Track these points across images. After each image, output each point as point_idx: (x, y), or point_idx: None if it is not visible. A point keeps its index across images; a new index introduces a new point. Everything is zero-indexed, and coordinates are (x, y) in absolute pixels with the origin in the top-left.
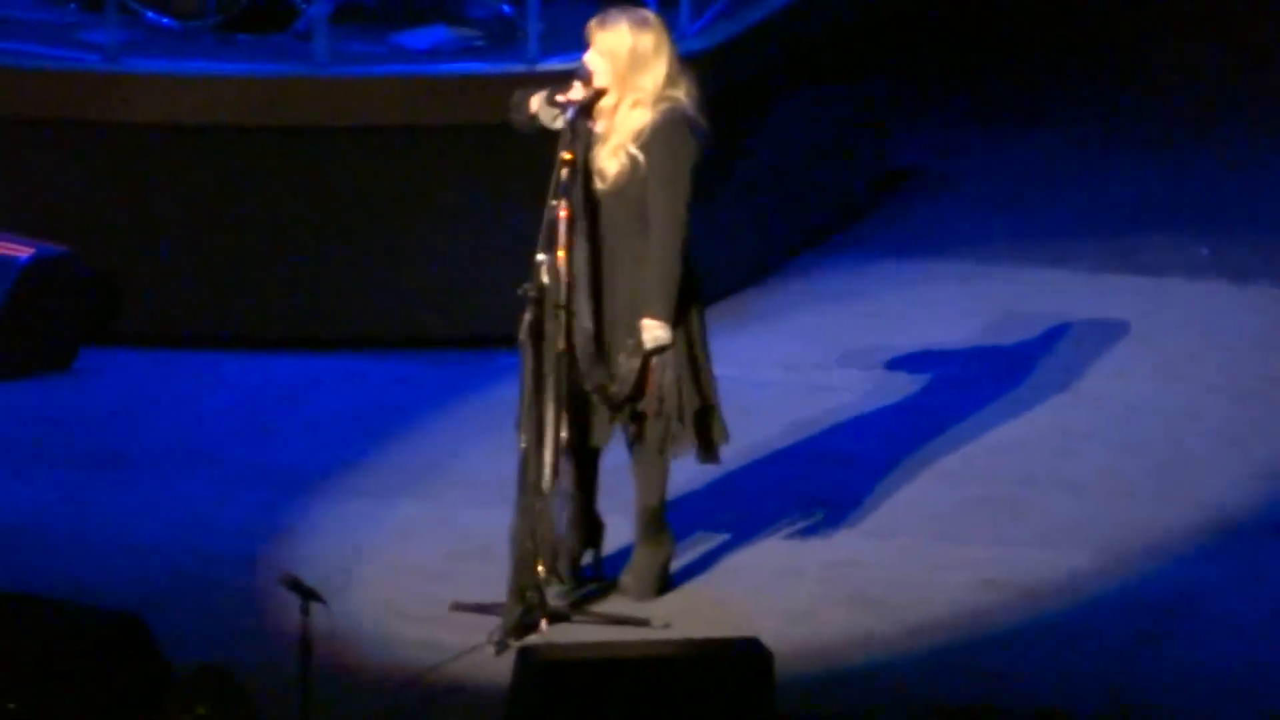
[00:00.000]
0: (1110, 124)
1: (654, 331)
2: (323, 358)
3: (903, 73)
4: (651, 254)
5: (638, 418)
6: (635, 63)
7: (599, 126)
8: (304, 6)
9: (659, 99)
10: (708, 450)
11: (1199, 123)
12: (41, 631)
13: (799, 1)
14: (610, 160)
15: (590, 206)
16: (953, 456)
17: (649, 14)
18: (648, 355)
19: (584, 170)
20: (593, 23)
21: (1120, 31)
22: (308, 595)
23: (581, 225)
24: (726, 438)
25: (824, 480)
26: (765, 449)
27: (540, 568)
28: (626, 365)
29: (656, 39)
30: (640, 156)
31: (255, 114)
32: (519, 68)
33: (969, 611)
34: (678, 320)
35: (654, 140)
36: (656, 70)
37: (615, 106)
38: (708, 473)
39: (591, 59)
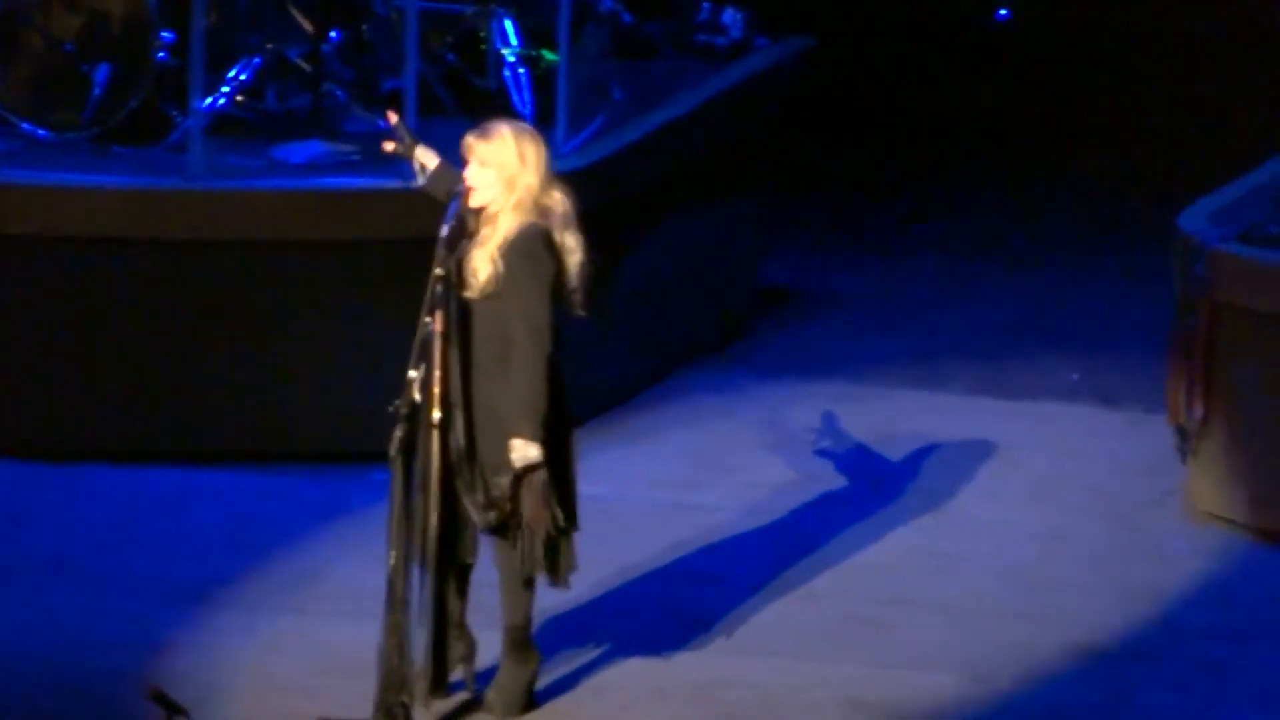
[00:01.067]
0: (985, 249)
1: (522, 451)
2: (196, 471)
3: (780, 194)
4: (514, 372)
5: (502, 539)
6: (521, 169)
7: (476, 241)
8: (180, 119)
9: (534, 206)
10: (555, 575)
11: (1072, 245)
12: None
13: (676, 122)
14: (483, 265)
15: (462, 321)
16: (823, 576)
17: (523, 122)
18: (518, 475)
19: (458, 283)
20: (471, 136)
21: (995, 158)
22: (172, 709)
23: (455, 340)
24: (574, 566)
25: (694, 598)
26: (636, 567)
27: (407, 686)
28: (497, 486)
29: (536, 144)
30: (501, 264)
31: (130, 226)
32: (395, 183)
33: None
34: (546, 438)
35: (513, 253)
36: (535, 176)
37: (497, 214)
38: (576, 591)
39: (474, 173)
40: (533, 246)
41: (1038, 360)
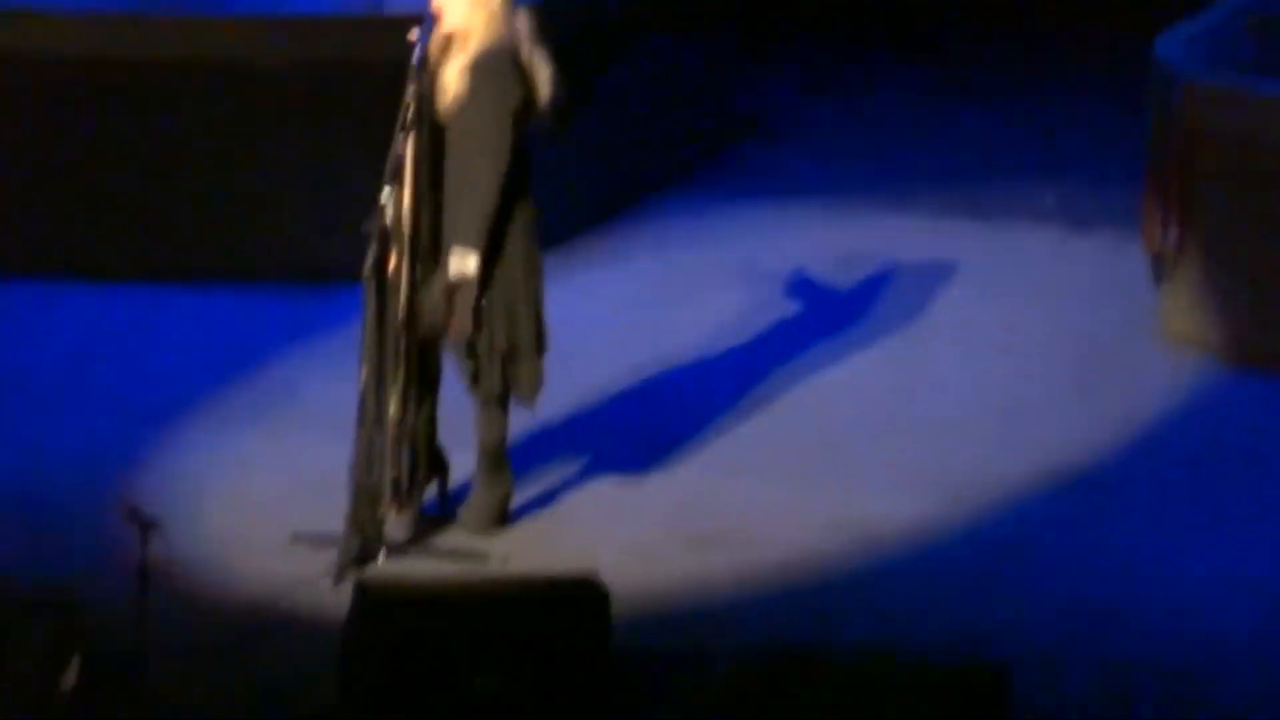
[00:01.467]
0: (957, 72)
1: (459, 260)
2: (166, 292)
3: (753, 19)
4: (469, 187)
5: (468, 358)
6: None
7: (448, 64)
8: None
9: (503, 24)
10: (523, 395)
11: (1046, 73)
12: None
13: None
14: (452, 83)
15: (434, 140)
16: (796, 400)
17: None
18: (449, 286)
19: (430, 102)
20: None
21: None
22: (146, 525)
23: (426, 163)
24: (539, 386)
25: (665, 421)
26: (607, 389)
27: (379, 501)
28: (428, 296)
29: None
30: (468, 80)
31: (104, 48)
32: (365, 7)
33: (810, 552)
34: (493, 259)
35: (478, 71)
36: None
37: (468, 35)
38: (551, 411)
39: (442, 2)
40: (498, 65)
41: (1012, 185)
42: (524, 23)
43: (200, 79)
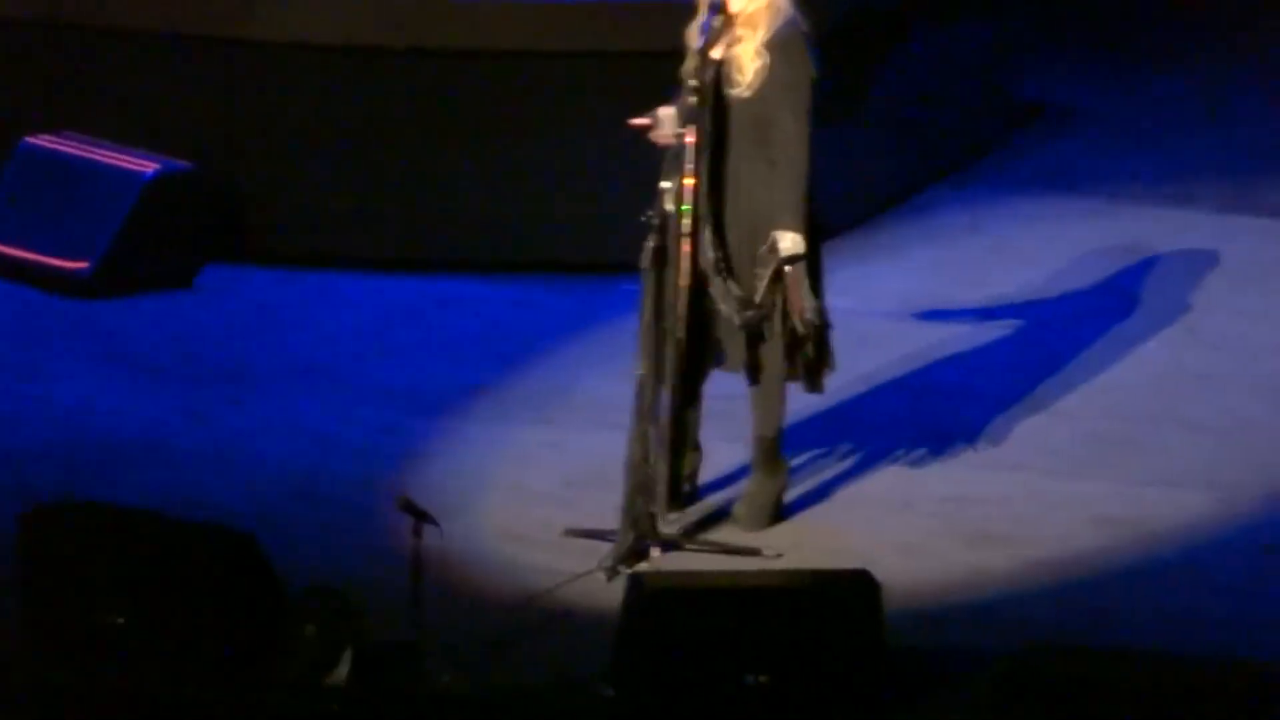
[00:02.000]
0: (1240, 64)
1: (790, 241)
2: (445, 281)
3: (1033, 7)
4: (783, 165)
5: (761, 344)
6: None
7: (725, 45)
8: None
9: (786, 7)
10: (816, 378)
11: None
12: (155, 548)
13: None
14: (749, 61)
15: (716, 133)
16: (1071, 393)
17: None
18: (781, 265)
19: (713, 96)
20: None
21: None
22: (421, 516)
23: (707, 151)
24: (834, 367)
25: (939, 412)
26: (881, 381)
27: (654, 496)
28: (758, 275)
29: None
30: (771, 61)
31: (388, 35)
32: None
33: (1084, 549)
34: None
35: (780, 52)
36: None
37: (754, 13)
38: (822, 404)
39: None
40: (800, 46)
41: None
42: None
43: (485, 66)
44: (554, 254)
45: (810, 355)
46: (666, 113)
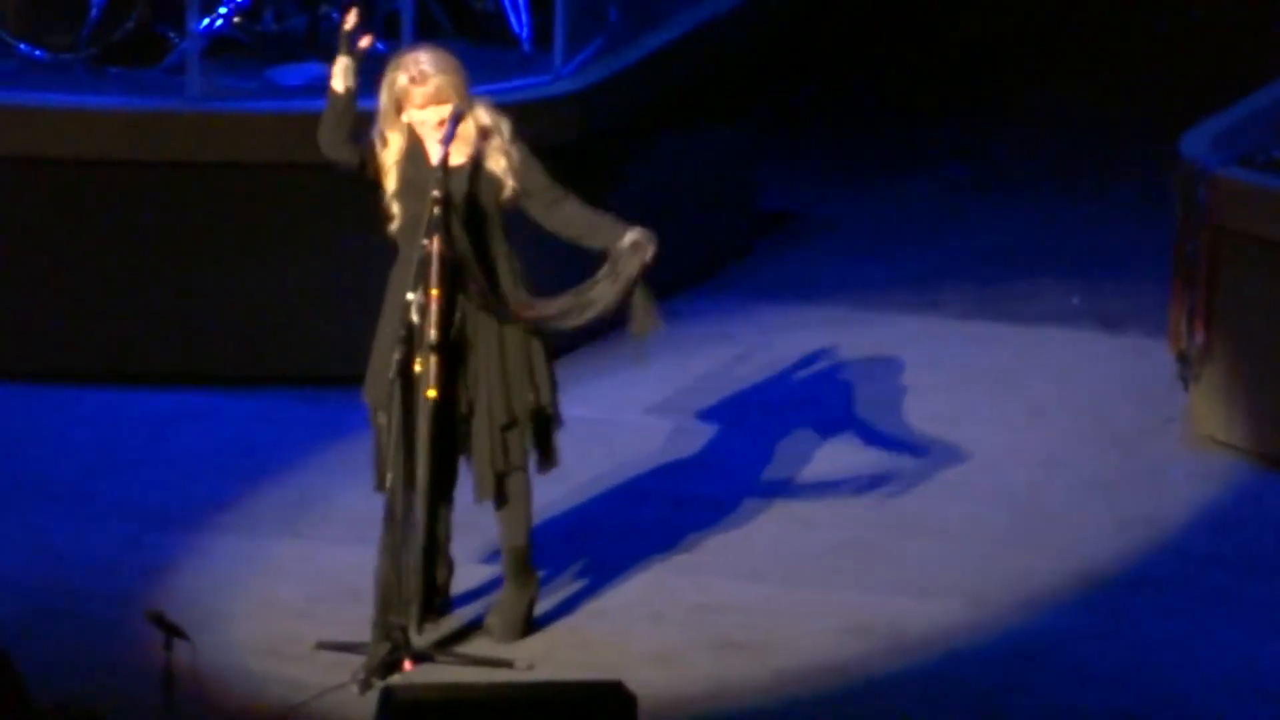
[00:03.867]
0: (981, 170)
1: (637, 238)
2: (189, 394)
3: (774, 117)
4: (586, 215)
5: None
6: (467, 80)
7: (458, 157)
8: (177, 40)
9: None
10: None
11: (1070, 170)
12: None
13: (673, 44)
14: (503, 160)
15: (475, 234)
16: (820, 501)
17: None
18: (645, 260)
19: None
20: (410, 81)
21: (991, 77)
22: (171, 631)
23: (449, 261)
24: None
25: (690, 522)
26: (629, 490)
27: (405, 608)
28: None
29: (456, 58)
30: (514, 154)
31: (126, 148)
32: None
33: (835, 658)
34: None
35: (517, 140)
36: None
37: (474, 124)
38: (571, 515)
39: (436, 114)
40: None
41: (1036, 285)
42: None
43: (226, 177)
44: (295, 367)
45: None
46: (345, 63)
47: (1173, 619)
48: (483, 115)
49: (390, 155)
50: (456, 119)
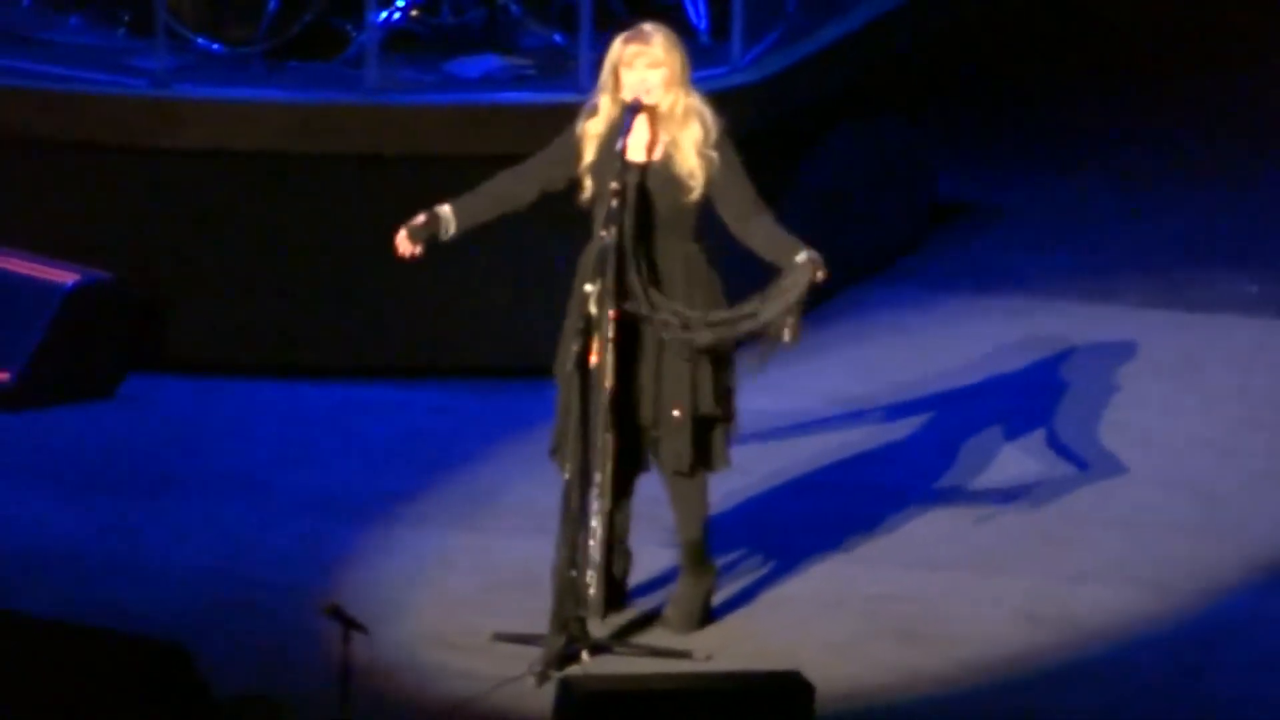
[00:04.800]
0: (1157, 159)
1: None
2: (367, 386)
3: (953, 106)
4: (774, 231)
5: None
6: (686, 66)
7: (645, 146)
8: (355, 33)
9: (701, 109)
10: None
11: (1248, 158)
12: (84, 660)
13: (851, 35)
14: (698, 164)
15: (639, 232)
16: (997, 490)
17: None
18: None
19: (634, 197)
20: (626, 40)
21: (1170, 65)
22: (349, 624)
23: (629, 250)
24: (729, 464)
25: (867, 511)
26: (807, 481)
27: (583, 600)
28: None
29: (684, 45)
30: (715, 159)
31: (304, 141)
32: (571, 97)
33: (1012, 647)
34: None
35: (725, 143)
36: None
37: (667, 116)
38: (750, 505)
39: (643, 79)
40: (727, 137)
41: (1213, 273)
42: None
43: (404, 170)
44: (474, 359)
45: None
46: (443, 211)
47: None
48: (690, 111)
49: (595, 125)
50: (635, 110)
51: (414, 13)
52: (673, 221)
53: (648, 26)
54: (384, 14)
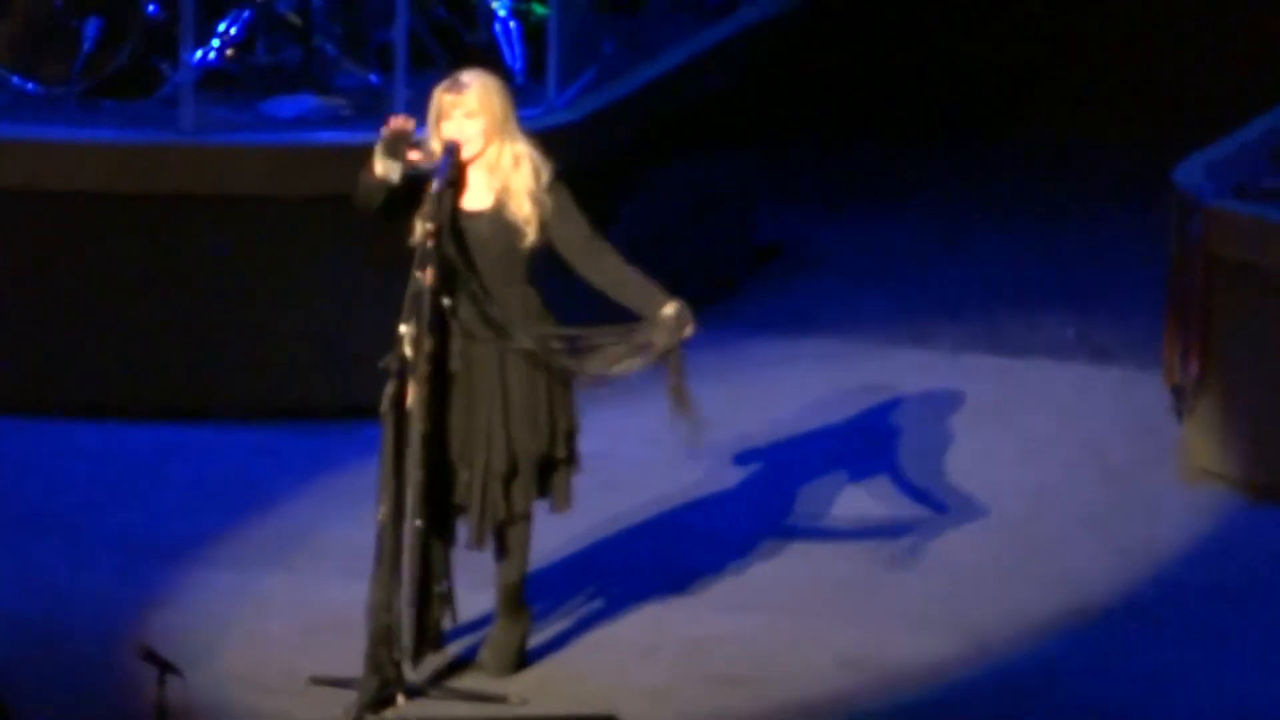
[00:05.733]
0: (973, 203)
1: (675, 311)
2: (181, 428)
3: (770, 148)
4: (622, 271)
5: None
6: (508, 112)
7: (479, 194)
8: (170, 73)
9: (528, 152)
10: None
11: (1064, 202)
12: None
13: (667, 76)
14: (529, 207)
15: (449, 273)
16: (815, 535)
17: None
18: (679, 332)
19: (449, 234)
20: (444, 91)
21: (983, 110)
22: (164, 667)
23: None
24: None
25: (685, 555)
26: (625, 524)
27: (398, 643)
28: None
29: (506, 91)
30: (548, 202)
31: (119, 181)
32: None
33: (830, 692)
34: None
35: (558, 186)
36: (516, 119)
37: (495, 163)
38: (567, 548)
39: (461, 126)
40: (562, 185)
41: (1030, 317)
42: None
43: (219, 211)
44: (289, 400)
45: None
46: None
47: (1168, 651)
48: (519, 157)
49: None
50: (451, 151)
51: (230, 52)
52: (509, 265)
53: (465, 76)
54: (199, 53)
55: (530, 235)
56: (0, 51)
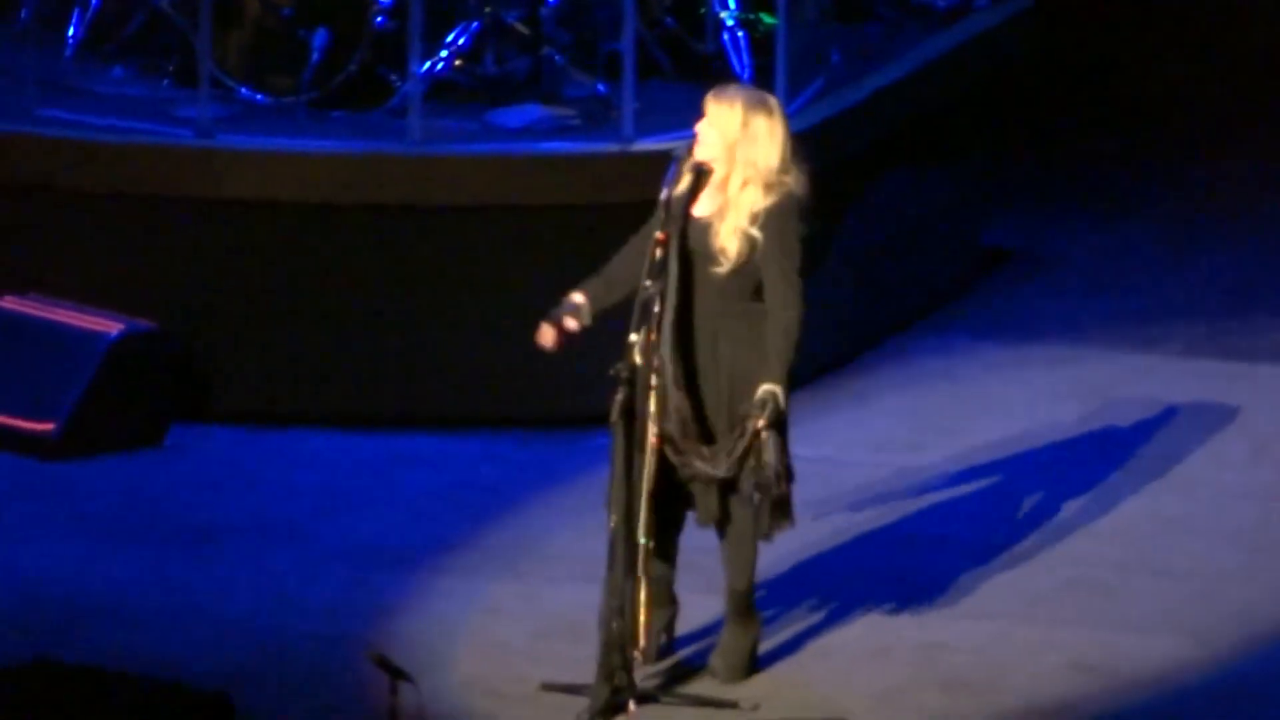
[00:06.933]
0: (1202, 206)
1: (778, 401)
2: (412, 436)
3: (998, 154)
4: (778, 325)
5: (736, 497)
6: (747, 139)
7: (706, 206)
8: (398, 83)
9: (771, 182)
10: (771, 528)
11: None
12: (127, 708)
13: (895, 84)
14: (730, 240)
15: (686, 286)
16: (1044, 540)
17: (769, 96)
18: (767, 424)
19: (680, 249)
20: (710, 95)
21: (1216, 111)
22: (396, 674)
23: (674, 302)
24: (793, 523)
25: (915, 561)
26: (854, 530)
27: (633, 649)
28: (739, 434)
29: (771, 121)
30: (759, 237)
31: (347, 191)
32: (613, 147)
33: (1060, 696)
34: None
35: (772, 222)
36: (769, 152)
37: (724, 182)
38: (795, 554)
39: (703, 129)
40: (791, 217)
41: (1259, 322)
42: (798, 184)
43: (448, 220)
44: (520, 409)
45: (771, 510)
46: (579, 300)
47: None
48: (747, 179)
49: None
50: (678, 160)
51: (457, 62)
52: (725, 282)
53: (733, 89)
54: (427, 64)
55: (731, 260)
56: (230, 63)
